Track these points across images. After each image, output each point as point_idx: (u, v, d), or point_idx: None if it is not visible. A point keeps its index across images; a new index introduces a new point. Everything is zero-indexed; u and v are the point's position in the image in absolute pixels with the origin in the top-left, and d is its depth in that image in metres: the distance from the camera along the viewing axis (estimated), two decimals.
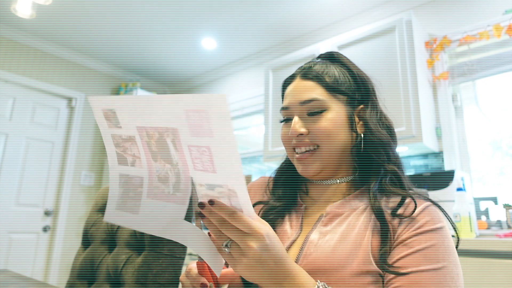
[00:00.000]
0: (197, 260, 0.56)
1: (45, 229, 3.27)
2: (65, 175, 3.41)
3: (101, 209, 1.22)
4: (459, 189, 1.71)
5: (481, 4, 2.21)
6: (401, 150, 2.21)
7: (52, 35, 3.25)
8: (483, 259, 1.41)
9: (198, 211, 0.49)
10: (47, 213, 3.29)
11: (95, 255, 1.12)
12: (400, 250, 0.59)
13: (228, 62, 3.65)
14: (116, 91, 3.90)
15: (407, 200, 0.64)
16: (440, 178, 1.91)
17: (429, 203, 0.64)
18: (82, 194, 3.52)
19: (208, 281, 0.56)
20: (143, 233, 1.03)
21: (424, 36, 2.32)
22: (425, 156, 2.29)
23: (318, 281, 0.51)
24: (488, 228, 1.92)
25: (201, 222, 0.51)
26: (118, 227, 1.11)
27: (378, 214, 0.62)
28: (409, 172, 2.32)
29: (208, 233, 0.51)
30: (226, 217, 0.47)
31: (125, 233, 1.07)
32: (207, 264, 0.56)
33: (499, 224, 1.92)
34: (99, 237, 1.15)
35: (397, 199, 0.64)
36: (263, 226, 0.49)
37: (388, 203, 0.65)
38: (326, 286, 0.53)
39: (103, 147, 3.71)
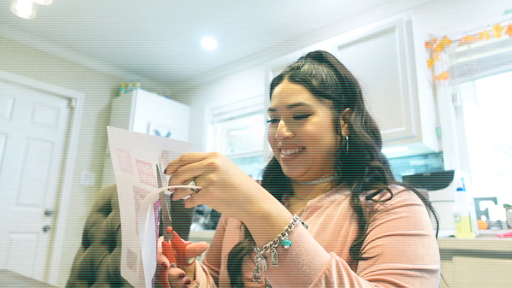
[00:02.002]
0: (163, 240, 0.55)
1: (45, 229, 3.27)
2: (65, 175, 3.41)
3: (101, 209, 1.22)
4: (459, 189, 1.70)
5: (481, 4, 2.21)
6: (401, 150, 2.21)
7: (52, 35, 3.25)
8: (483, 259, 1.41)
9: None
10: (47, 213, 3.29)
11: (95, 255, 1.12)
12: (372, 224, 0.60)
13: (228, 62, 3.65)
14: (116, 91, 3.90)
15: (384, 190, 0.65)
16: (440, 178, 1.91)
17: (403, 188, 0.66)
18: (82, 194, 3.52)
19: (171, 261, 0.55)
20: None
21: (424, 36, 2.32)
22: (425, 156, 2.29)
23: (295, 215, 0.49)
24: (488, 228, 1.92)
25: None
26: (118, 227, 1.11)
27: (358, 210, 0.64)
28: (409, 172, 2.32)
29: (183, 203, 0.49)
30: (178, 164, 0.46)
31: None
32: (171, 245, 0.55)
33: (499, 224, 1.92)
34: (99, 237, 1.15)
35: (375, 190, 0.66)
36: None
37: (365, 194, 0.67)
38: (302, 222, 0.51)
39: (103, 147, 3.71)
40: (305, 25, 2.94)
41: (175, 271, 0.54)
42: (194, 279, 0.63)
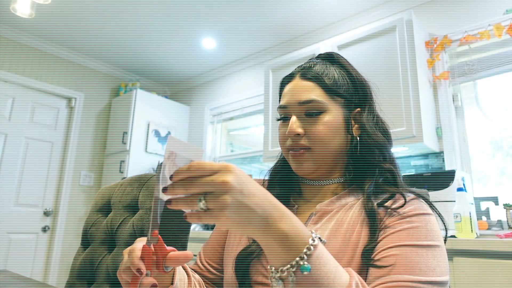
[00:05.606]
0: (145, 243, 0.51)
1: (44, 229, 3.27)
2: (65, 175, 3.40)
3: (101, 209, 1.21)
4: (459, 189, 1.70)
5: (482, 3, 2.21)
6: (401, 150, 2.21)
7: (52, 35, 3.25)
8: (483, 259, 1.41)
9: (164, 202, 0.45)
10: (46, 213, 3.28)
11: (95, 255, 1.12)
12: (383, 232, 0.60)
13: (228, 62, 3.64)
14: (116, 91, 3.89)
15: (397, 195, 0.65)
16: (441, 178, 1.90)
17: (413, 196, 0.65)
18: (82, 194, 3.51)
19: (147, 268, 0.51)
20: (143, 233, 1.02)
21: (424, 36, 2.32)
22: (425, 156, 2.29)
23: (314, 232, 0.47)
24: (488, 228, 1.91)
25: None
26: (118, 227, 1.11)
27: (371, 215, 0.63)
28: (409, 172, 2.31)
29: (184, 215, 0.45)
30: (187, 173, 0.42)
31: (125, 233, 1.07)
32: (153, 251, 0.52)
33: (499, 224, 1.91)
34: (99, 237, 1.14)
35: (388, 195, 0.66)
36: (226, 162, 0.45)
37: (377, 199, 0.66)
38: (320, 238, 0.49)
39: (103, 147, 3.70)
40: (305, 25, 2.93)
41: (148, 280, 0.50)
42: (172, 284, 0.59)
